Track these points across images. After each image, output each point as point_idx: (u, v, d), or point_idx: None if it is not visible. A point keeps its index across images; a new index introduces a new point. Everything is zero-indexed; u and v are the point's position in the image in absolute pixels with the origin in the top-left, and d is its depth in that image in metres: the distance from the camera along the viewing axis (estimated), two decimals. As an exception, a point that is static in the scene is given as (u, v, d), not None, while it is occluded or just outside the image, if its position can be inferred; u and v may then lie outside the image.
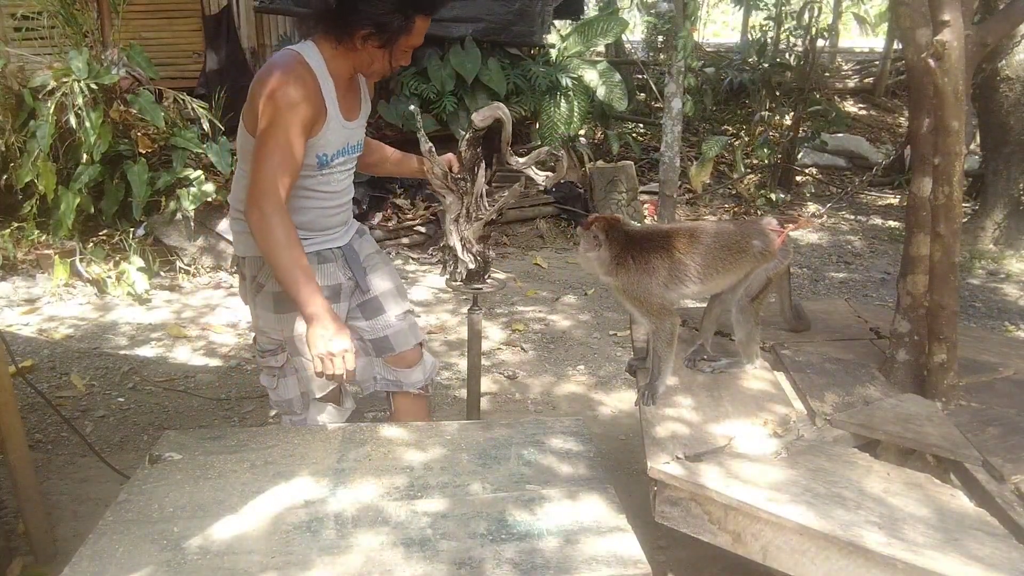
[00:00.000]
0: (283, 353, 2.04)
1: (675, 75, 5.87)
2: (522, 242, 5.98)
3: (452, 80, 6.02)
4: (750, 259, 1.99)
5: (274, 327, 1.99)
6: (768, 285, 2.03)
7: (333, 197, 2.00)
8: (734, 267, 2.00)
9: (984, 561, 1.30)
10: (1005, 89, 5.66)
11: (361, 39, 1.80)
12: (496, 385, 3.50)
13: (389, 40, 1.80)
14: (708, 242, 1.98)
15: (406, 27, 1.78)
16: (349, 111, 1.94)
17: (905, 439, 1.71)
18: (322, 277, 1.95)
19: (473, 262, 2.20)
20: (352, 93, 1.96)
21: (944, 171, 1.69)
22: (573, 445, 1.88)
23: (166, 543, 1.46)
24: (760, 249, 1.99)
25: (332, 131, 1.88)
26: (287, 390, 2.07)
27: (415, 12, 1.78)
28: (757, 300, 2.03)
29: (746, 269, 2.01)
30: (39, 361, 3.62)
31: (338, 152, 1.94)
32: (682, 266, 1.95)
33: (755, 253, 1.99)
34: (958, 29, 1.56)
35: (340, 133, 1.91)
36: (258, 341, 2.08)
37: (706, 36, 16.02)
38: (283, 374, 2.06)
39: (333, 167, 1.95)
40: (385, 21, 1.75)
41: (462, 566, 1.41)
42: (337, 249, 2.05)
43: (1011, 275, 5.32)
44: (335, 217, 2.04)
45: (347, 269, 2.06)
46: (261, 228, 1.74)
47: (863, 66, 12.27)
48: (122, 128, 4.74)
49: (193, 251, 4.94)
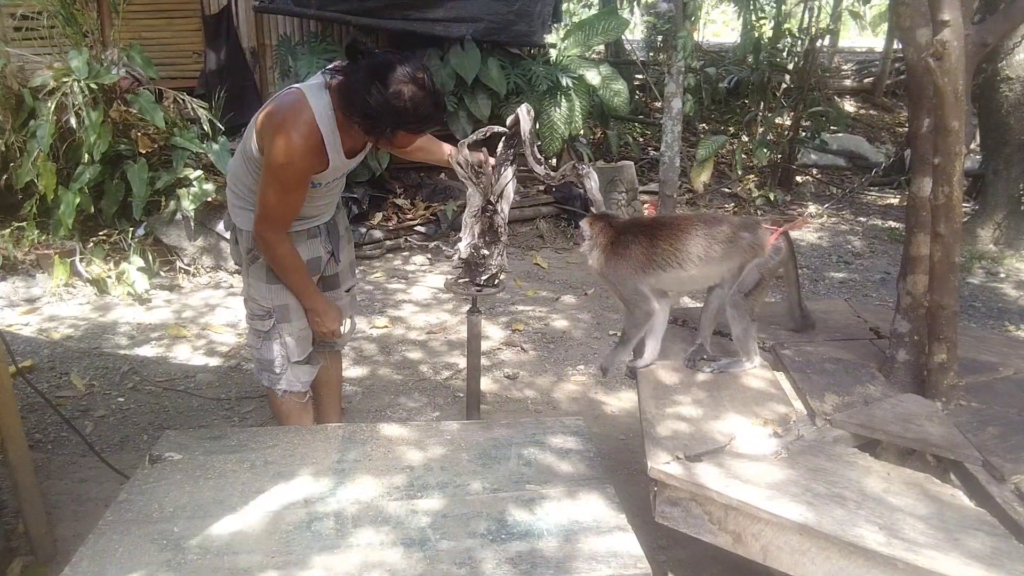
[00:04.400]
0: (270, 319, 2.22)
1: (675, 75, 5.87)
2: (522, 242, 5.98)
3: (452, 80, 6.01)
4: (738, 252, 2.02)
5: (265, 295, 2.20)
6: (762, 282, 2.04)
7: (325, 197, 2.23)
8: (720, 257, 2.03)
9: (984, 561, 1.30)
10: (1005, 89, 5.66)
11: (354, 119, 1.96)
12: (496, 385, 3.50)
13: (374, 136, 2.00)
14: (693, 231, 2.03)
15: (391, 136, 1.96)
16: (352, 150, 2.10)
17: (905, 439, 1.71)
18: (307, 251, 2.21)
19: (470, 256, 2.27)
20: (355, 133, 2.05)
21: (944, 171, 1.69)
22: (573, 445, 1.88)
23: (166, 543, 1.46)
24: (749, 243, 2.02)
25: (332, 169, 2.08)
26: (270, 351, 2.26)
27: (400, 129, 1.95)
28: (751, 297, 2.04)
29: (734, 262, 2.04)
30: (39, 361, 3.61)
31: (334, 181, 2.19)
32: (661, 252, 2.03)
33: (744, 246, 2.02)
34: (958, 29, 1.56)
35: (337, 168, 2.10)
36: (248, 307, 2.28)
37: (706, 36, 16.00)
38: (268, 338, 2.25)
39: (330, 185, 2.19)
40: (375, 123, 1.92)
41: (462, 566, 1.41)
42: (323, 225, 2.30)
43: (1011, 275, 5.32)
44: (325, 207, 2.28)
45: (328, 242, 2.32)
46: (271, 249, 2.08)
47: (863, 66, 12.27)
48: (122, 128, 4.73)
49: (193, 251, 4.94)
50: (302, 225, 2.21)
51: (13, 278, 4.63)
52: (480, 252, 2.27)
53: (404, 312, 4.38)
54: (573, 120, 6.43)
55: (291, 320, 2.23)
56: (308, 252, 2.22)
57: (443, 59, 6.09)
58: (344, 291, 2.49)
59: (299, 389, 2.33)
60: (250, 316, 2.29)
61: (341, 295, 2.47)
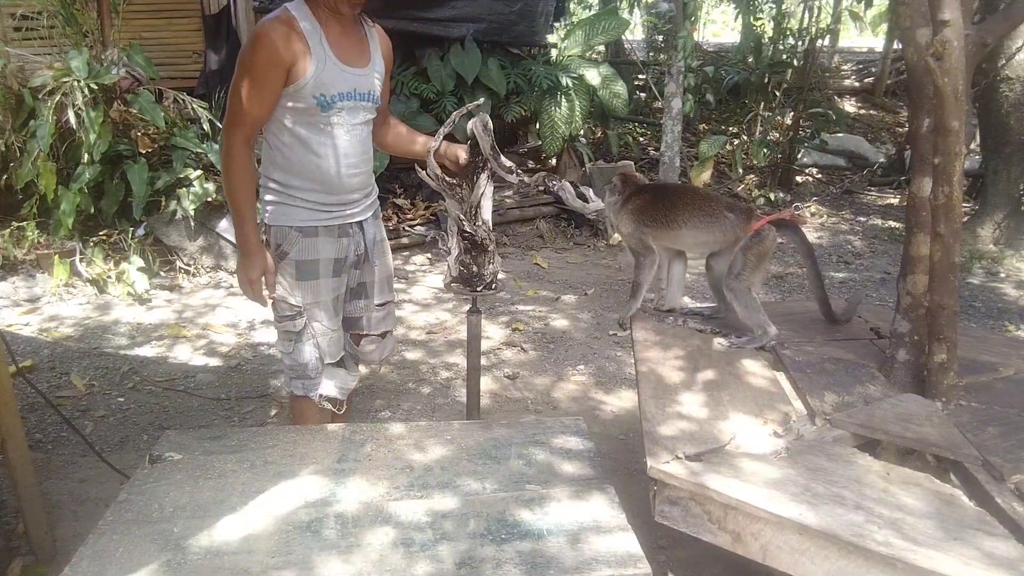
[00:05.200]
0: (301, 319, 2.11)
1: (675, 75, 5.87)
2: (522, 242, 5.98)
3: (452, 80, 6.02)
4: (719, 227, 2.33)
5: (294, 293, 2.09)
6: (748, 265, 2.26)
7: (345, 158, 2.04)
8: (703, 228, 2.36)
9: (984, 561, 1.30)
10: (1005, 89, 5.66)
11: None
12: (496, 385, 3.50)
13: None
14: (688, 201, 2.41)
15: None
16: (347, 56, 1.98)
17: (905, 439, 1.71)
18: (336, 250, 2.10)
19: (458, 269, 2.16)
20: (350, 40, 2.00)
21: (944, 171, 1.69)
22: (573, 445, 1.88)
23: (166, 543, 1.46)
24: (731, 222, 2.31)
25: (327, 72, 1.93)
26: (302, 354, 2.14)
27: None
28: (742, 278, 2.26)
29: (715, 235, 2.35)
30: (39, 361, 3.62)
31: (341, 95, 1.97)
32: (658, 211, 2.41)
33: (725, 225, 2.31)
34: (958, 29, 1.56)
35: (339, 76, 1.95)
36: (277, 308, 2.14)
37: (706, 36, 16.01)
38: (299, 339, 2.13)
39: (338, 110, 1.98)
40: None
41: (462, 566, 1.41)
42: (357, 224, 2.16)
43: (1011, 275, 5.32)
44: (353, 179, 2.08)
45: (361, 246, 2.18)
46: (227, 156, 1.95)
47: (863, 66, 12.28)
48: (122, 128, 4.74)
49: (193, 251, 4.94)
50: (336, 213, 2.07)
51: (13, 278, 4.63)
52: (471, 268, 2.16)
53: (404, 312, 4.39)
54: (573, 120, 6.43)
55: (322, 320, 2.12)
56: (336, 251, 2.10)
57: (443, 59, 6.10)
58: (376, 304, 2.30)
59: (336, 395, 2.22)
60: (279, 318, 2.14)
61: (371, 308, 2.29)
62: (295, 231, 2.05)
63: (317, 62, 1.91)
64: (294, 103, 1.94)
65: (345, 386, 2.26)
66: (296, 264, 2.07)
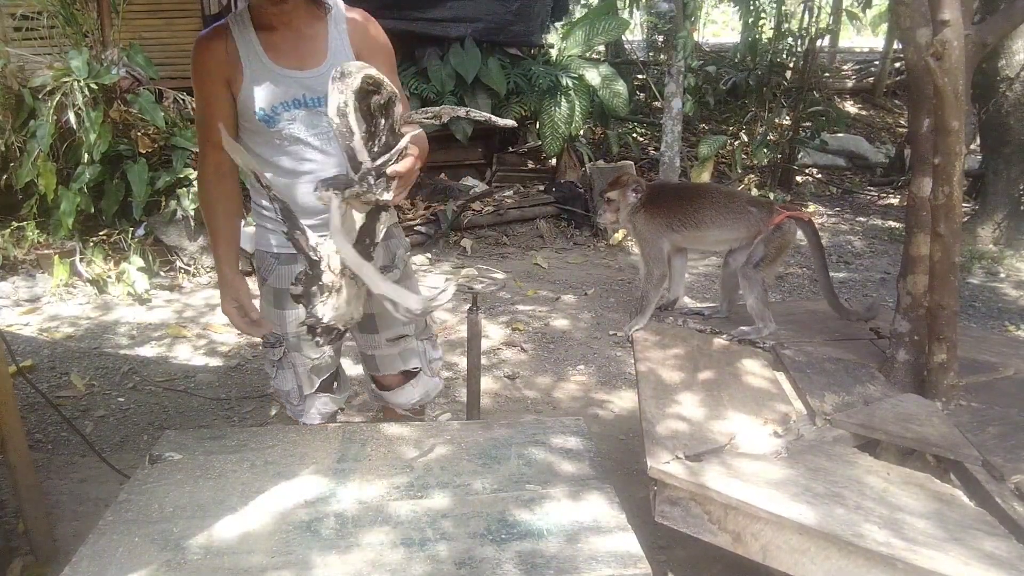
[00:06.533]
0: (280, 347, 2.02)
1: (675, 75, 5.87)
2: (522, 242, 5.98)
3: (452, 80, 6.02)
4: (744, 223, 2.35)
5: (274, 321, 1.98)
6: (767, 256, 2.31)
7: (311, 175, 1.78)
8: (729, 225, 2.37)
9: (984, 561, 1.30)
10: (1005, 89, 5.66)
11: None
12: (496, 385, 3.50)
13: None
14: (711, 199, 2.41)
15: None
16: (290, 58, 1.74)
17: (905, 439, 1.71)
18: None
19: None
20: (296, 39, 1.76)
21: (944, 171, 1.69)
22: (573, 445, 1.88)
23: (166, 543, 1.46)
24: (756, 217, 2.33)
25: (263, 82, 1.72)
26: (284, 382, 2.06)
27: None
28: (760, 269, 2.31)
29: (740, 231, 2.36)
30: (39, 361, 3.62)
31: (285, 105, 1.74)
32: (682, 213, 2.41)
33: (750, 220, 2.34)
34: (958, 29, 1.56)
35: (279, 84, 1.73)
36: None
37: (706, 36, 16.01)
38: (281, 367, 2.06)
39: (288, 122, 1.75)
40: None
41: (462, 566, 1.41)
42: None
43: (1011, 275, 5.32)
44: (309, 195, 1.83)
45: None
46: (198, 183, 1.93)
47: (863, 66, 12.27)
48: (122, 128, 4.74)
49: (193, 251, 4.94)
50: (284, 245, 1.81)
51: (13, 278, 4.63)
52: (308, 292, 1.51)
53: (404, 312, 4.38)
54: (573, 120, 6.43)
55: (300, 349, 1.99)
56: None
57: (443, 59, 6.10)
58: (387, 340, 2.06)
59: (317, 422, 2.09)
60: (262, 344, 2.05)
61: (380, 344, 2.07)
62: (271, 257, 1.95)
63: (251, 71, 1.71)
64: (243, 122, 1.79)
65: (325, 411, 2.10)
66: (274, 292, 1.97)
